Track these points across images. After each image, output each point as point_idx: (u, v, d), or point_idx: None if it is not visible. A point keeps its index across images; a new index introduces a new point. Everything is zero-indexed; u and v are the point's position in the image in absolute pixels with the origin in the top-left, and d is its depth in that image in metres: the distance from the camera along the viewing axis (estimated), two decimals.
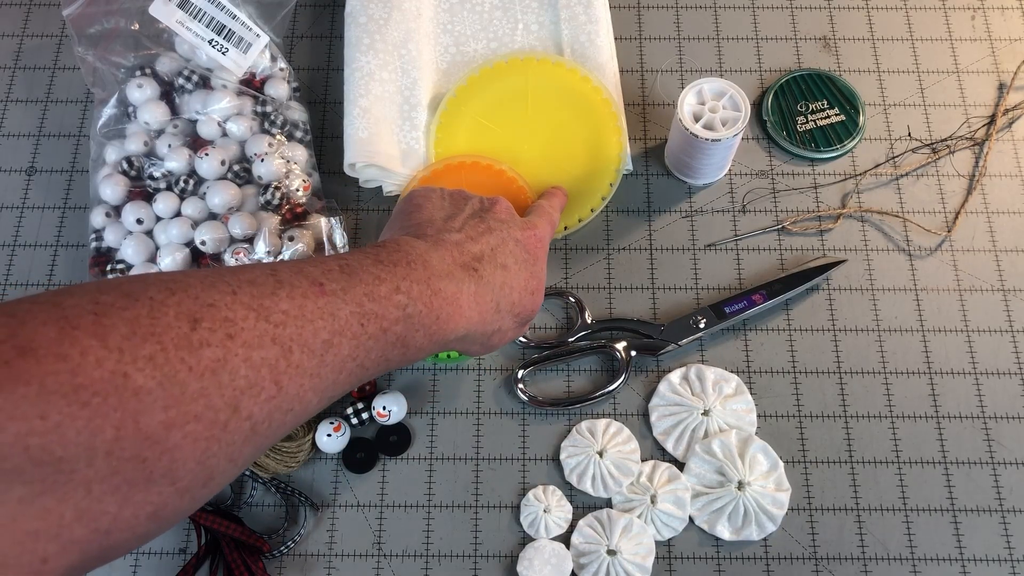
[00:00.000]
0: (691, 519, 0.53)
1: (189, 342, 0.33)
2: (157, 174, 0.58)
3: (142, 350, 0.32)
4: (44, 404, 0.29)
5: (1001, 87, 0.64)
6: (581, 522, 0.52)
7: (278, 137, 0.60)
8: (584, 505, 0.53)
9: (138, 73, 0.60)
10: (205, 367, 0.33)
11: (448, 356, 0.56)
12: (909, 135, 0.63)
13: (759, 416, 0.55)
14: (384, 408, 0.55)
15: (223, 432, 0.34)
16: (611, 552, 0.51)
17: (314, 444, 0.54)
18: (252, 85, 0.61)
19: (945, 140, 0.62)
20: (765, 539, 0.52)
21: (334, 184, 0.62)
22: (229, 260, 0.56)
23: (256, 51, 0.61)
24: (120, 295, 0.33)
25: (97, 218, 0.58)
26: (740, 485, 0.53)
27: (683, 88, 0.57)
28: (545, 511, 0.53)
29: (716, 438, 0.53)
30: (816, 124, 0.63)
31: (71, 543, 0.31)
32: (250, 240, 0.56)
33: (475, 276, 0.44)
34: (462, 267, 0.44)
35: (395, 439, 0.55)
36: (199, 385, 0.33)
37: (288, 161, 0.59)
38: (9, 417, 0.28)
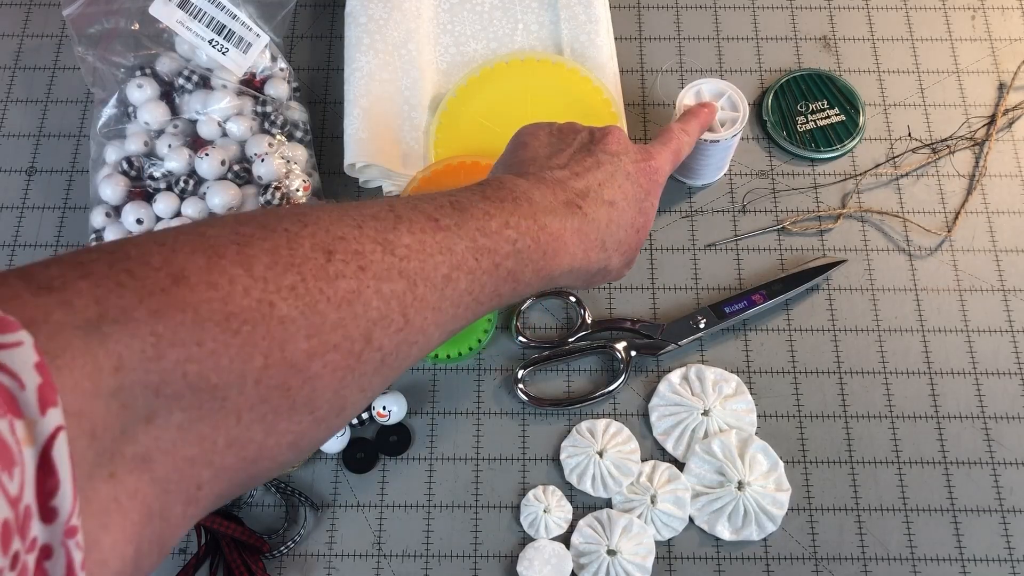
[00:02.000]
0: (691, 519, 0.53)
1: (326, 273, 0.33)
2: (157, 174, 0.58)
3: (284, 280, 0.32)
4: (200, 331, 0.29)
5: (1001, 87, 0.64)
6: (581, 522, 0.52)
7: (278, 137, 0.60)
8: (584, 505, 0.53)
9: (138, 73, 0.60)
10: (342, 298, 0.33)
11: (448, 356, 0.56)
12: (909, 135, 0.63)
13: (759, 416, 0.55)
14: (384, 408, 0.55)
15: (357, 362, 0.34)
16: (611, 552, 0.51)
17: None
18: (252, 85, 0.61)
19: (945, 140, 0.62)
20: (765, 539, 0.52)
21: (334, 184, 0.62)
22: None
23: (256, 51, 0.61)
24: (257, 226, 0.34)
25: (97, 218, 0.58)
26: (740, 485, 0.53)
27: (683, 88, 0.57)
28: (545, 511, 0.53)
29: (716, 438, 0.53)
30: (816, 124, 0.63)
31: (222, 470, 0.31)
32: None
33: (579, 212, 0.44)
34: (565, 204, 0.44)
35: (395, 439, 0.55)
36: (337, 315, 0.33)
37: (288, 161, 0.59)
38: (170, 344, 0.29)
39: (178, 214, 0.57)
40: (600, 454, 0.54)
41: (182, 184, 0.58)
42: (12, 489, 0.22)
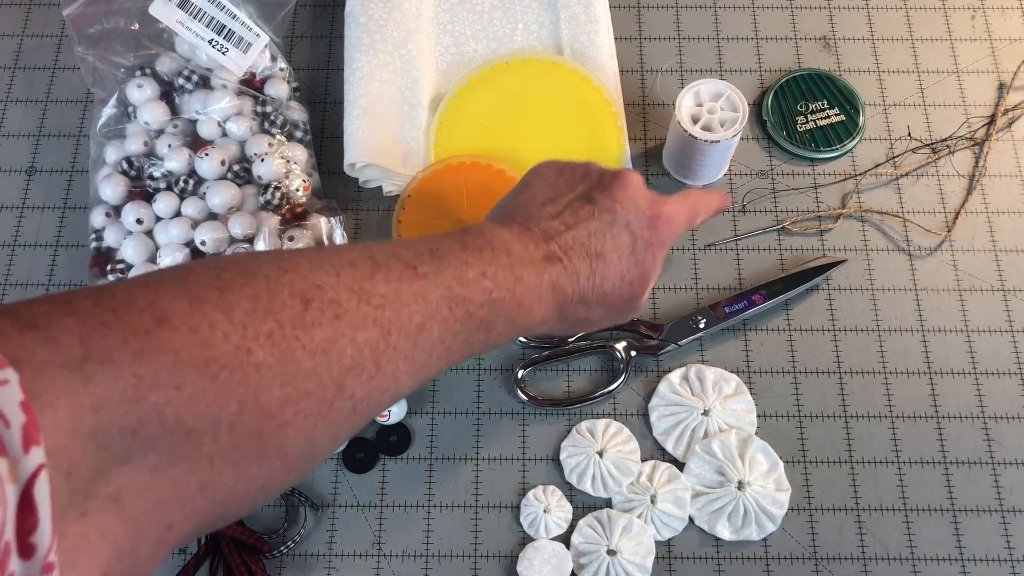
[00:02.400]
0: (691, 519, 0.53)
1: (303, 321, 0.34)
2: (157, 174, 0.58)
3: (263, 326, 0.32)
4: (179, 375, 0.30)
5: (1001, 87, 0.64)
6: (581, 522, 0.52)
7: (278, 137, 0.60)
8: (584, 505, 0.53)
9: (138, 73, 0.60)
10: (317, 346, 0.34)
11: None
12: (909, 135, 0.63)
13: (759, 416, 0.55)
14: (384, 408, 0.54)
15: (329, 410, 0.35)
16: (611, 552, 0.51)
17: None
18: (252, 85, 0.61)
19: (945, 140, 0.62)
20: (765, 539, 0.52)
21: (334, 184, 0.62)
22: None
23: (256, 51, 0.61)
24: (239, 272, 0.34)
25: (97, 218, 0.58)
26: (740, 485, 0.53)
27: (683, 88, 0.57)
28: (545, 511, 0.53)
29: (716, 438, 0.53)
30: (816, 124, 0.63)
31: (193, 512, 0.32)
32: (250, 240, 0.56)
33: (558, 266, 0.44)
34: (545, 257, 0.44)
35: (395, 439, 0.55)
36: (311, 363, 0.34)
37: (288, 161, 0.59)
38: (150, 386, 0.29)
39: (178, 214, 0.57)
40: (600, 454, 0.54)
41: (182, 184, 0.58)
42: None
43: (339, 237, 0.58)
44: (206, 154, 0.57)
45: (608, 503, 0.53)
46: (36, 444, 0.25)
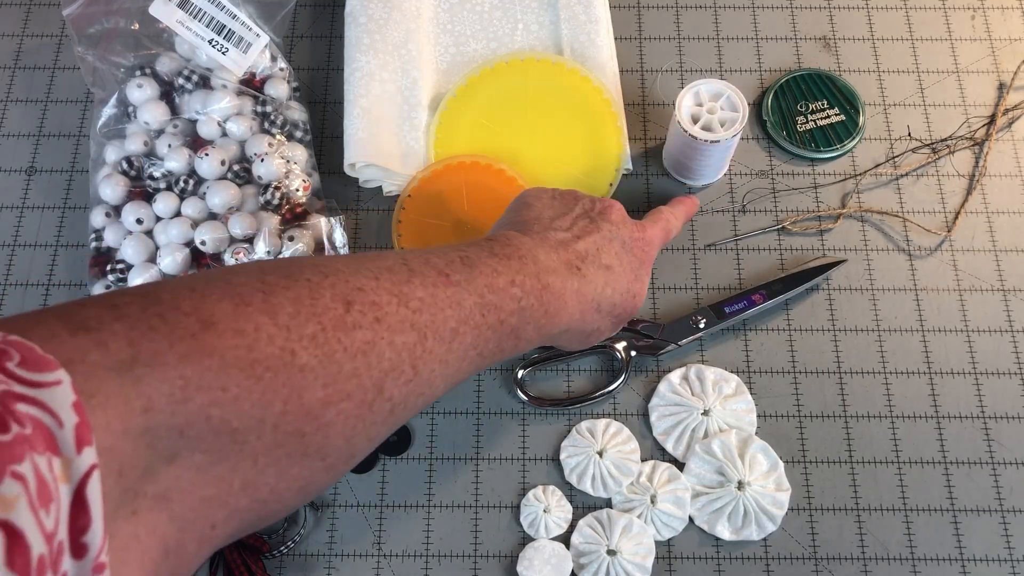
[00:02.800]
0: (691, 519, 0.53)
1: (344, 323, 0.35)
2: (157, 174, 0.58)
3: (306, 329, 0.33)
4: (225, 377, 0.31)
5: (1001, 87, 0.64)
6: (581, 522, 0.52)
7: (278, 137, 0.60)
8: (584, 505, 0.53)
9: (138, 73, 0.60)
10: (357, 348, 0.35)
11: None
12: (909, 135, 0.63)
13: (759, 416, 0.55)
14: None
15: (368, 411, 0.36)
16: (611, 552, 0.51)
17: None
18: (252, 85, 0.61)
19: (945, 140, 0.62)
20: (765, 539, 0.52)
21: (334, 184, 0.62)
22: (229, 260, 0.56)
23: (256, 51, 0.61)
24: (281, 275, 0.35)
25: (97, 218, 0.58)
26: (740, 485, 0.53)
27: (683, 88, 0.57)
28: (545, 511, 0.53)
29: (716, 438, 0.53)
30: (816, 124, 0.63)
31: (236, 511, 0.33)
32: (250, 240, 0.56)
33: (579, 274, 0.45)
34: (566, 265, 0.45)
35: (395, 439, 0.55)
36: (352, 365, 0.34)
37: (288, 161, 0.59)
38: (196, 388, 0.30)
39: (178, 214, 0.57)
40: (600, 454, 0.54)
41: (182, 184, 0.58)
42: (48, 525, 0.23)
43: (339, 237, 0.58)
44: (206, 154, 0.57)
45: (608, 503, 0.53)
46: (88, 444, 0.25)
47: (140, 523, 0.29)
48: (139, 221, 0.57)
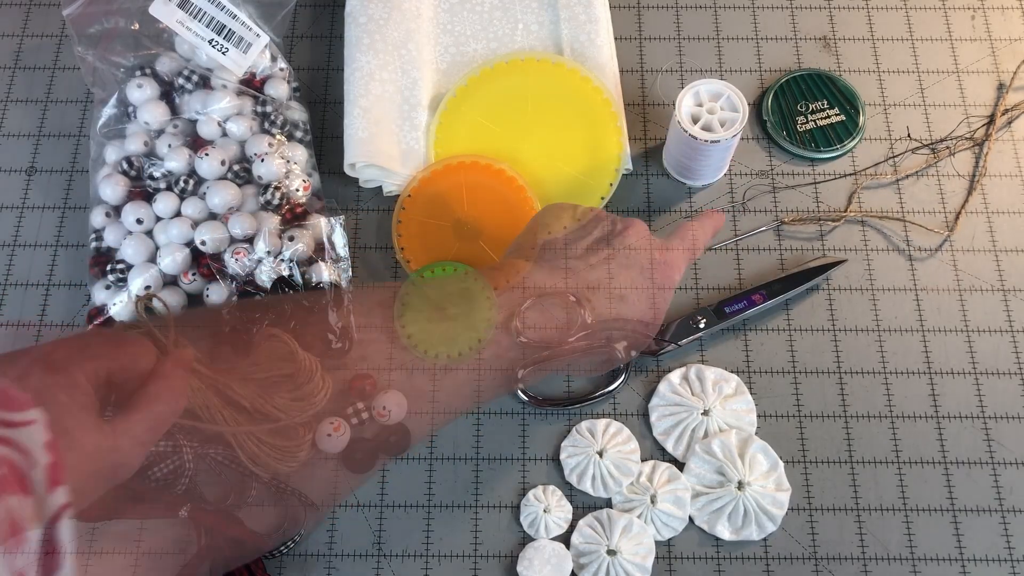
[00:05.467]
0: (691, 519, 0.53)
1: None
2: (157, 174, 0.58)
3: None
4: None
5: (1001, 87, 0.64)
6: (581, 522, 0.52)
7: (278, 137, 0.60)
8: (584, 505, 0.53)
9: (138, 73, 0.60)
10: None
11: (448, 356, 0.56)
12: (909, 135, 0.63)
13: (759, 416, 0.55)
14: (384, 408, 0.54)
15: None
16: (611, 552, 0.51)
17: (314, 444, 0.54)
18: (252, 85, 0.61)
19: (945, 140, 0.62)
20: (765, 539, 0.52)
21: (334, 184, 0.62)
22: (229, 260, 0.56)
23: (256, 51, 0.61)
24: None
25: (97, 218, 0.58)
26: (740, 485, 0.53)
27: (683, 88, 0.57)
28: (545, 511, 0.53)
29: (716, 438, 0.53)
30: (816, 124, 0.63)
31: (209, 549, 0.37)
32: (250, 240, 0.56)
33: (588, 306, 0.46)
34: (574, 296, 0.46)
35: (395, 439, 0.55)
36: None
37: (288, 161, 0.59)
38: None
39: (178, 214, 0.57)
40: (600, 454, 0.54)
41: (182, 184, 0.58)
42: (18, 564, 0.24)
43: (339, 237, 0.58)
44: (206, 154, 0.57)
45: (608, 503, 0.53)
46: (61, 484, 0.25)
47: (109, 563, 0.30)
48: (139, 221, 0.57)
